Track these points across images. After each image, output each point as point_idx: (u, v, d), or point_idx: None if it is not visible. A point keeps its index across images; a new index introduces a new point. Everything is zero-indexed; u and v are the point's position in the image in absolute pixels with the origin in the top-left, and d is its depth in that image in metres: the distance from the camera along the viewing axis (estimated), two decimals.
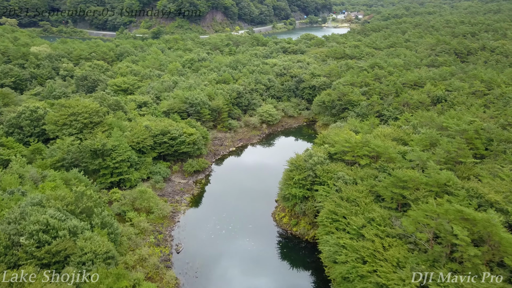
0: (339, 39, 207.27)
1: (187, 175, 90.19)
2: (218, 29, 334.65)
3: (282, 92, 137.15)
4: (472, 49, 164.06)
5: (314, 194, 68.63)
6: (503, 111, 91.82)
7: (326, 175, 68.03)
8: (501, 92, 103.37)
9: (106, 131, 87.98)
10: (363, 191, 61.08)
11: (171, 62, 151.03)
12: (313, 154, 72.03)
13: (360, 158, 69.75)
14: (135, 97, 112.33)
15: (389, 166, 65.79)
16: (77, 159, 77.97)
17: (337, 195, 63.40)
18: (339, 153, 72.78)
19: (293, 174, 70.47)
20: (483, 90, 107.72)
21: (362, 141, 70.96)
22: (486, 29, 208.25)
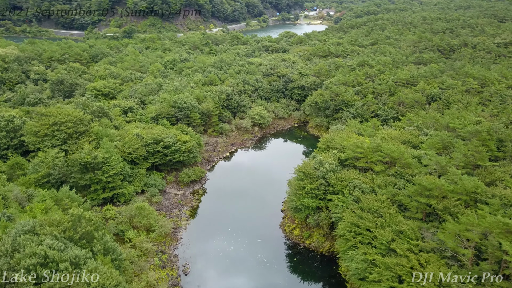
0: (320, 36, 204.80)
1: (183, 186, 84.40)
2: (192, 27, 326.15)
3: (270, 93, 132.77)
4: (454, 45, 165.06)
5: (328, 204, 64.73)
6: (502, 109, 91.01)
7: (340, 183, 64.22)
8: (495, 89, 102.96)
9: (93, 141, 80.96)
10: (384, 201, 57.59)
11: (152, 63, 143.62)
12: (323, 161, 68.04)
13: (374, 164, 66.35)
14: (119, 102, 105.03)
15: (406, 172, 62.67)
16: (65, 174, 70.82)
17: (356, 205, 59.70)
18: (351, 159, 69.12)
19: (304, 183, 66.25)
20: (476, 87, 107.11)
21: (374, 146, 67.56)
22: (462, 25, 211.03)
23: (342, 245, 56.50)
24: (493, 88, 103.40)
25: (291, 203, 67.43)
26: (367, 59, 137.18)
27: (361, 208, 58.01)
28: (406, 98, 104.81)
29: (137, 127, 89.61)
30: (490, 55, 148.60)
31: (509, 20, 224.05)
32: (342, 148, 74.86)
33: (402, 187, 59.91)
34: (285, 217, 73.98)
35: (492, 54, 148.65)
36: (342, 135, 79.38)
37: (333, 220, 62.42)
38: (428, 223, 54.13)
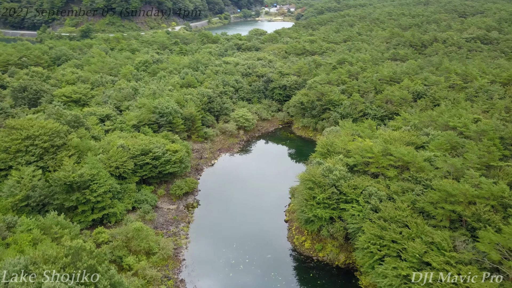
0: (291, 34, 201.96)
1: (175, 199, 78.17)
2: (153, 26, 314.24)
3: (251, 93, 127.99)
4: (425, 41, 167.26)
5: (342, 214, 61.22)
6: (491, 105, 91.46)
7: (353, 191, 60.82)
8: (479, 85, 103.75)
9: (73, 155, 73.03)
10: (406, 209, 54.74)
11: (121, 65, 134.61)
12: (332, 168, 64.40)
13: (385, 169, 63.51)
14: (94, 109, 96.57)
15: (421, 177, 60.24)
16: (47, 196, 62.92)
17: (375, 215, 56.50)
18: (360, 164, 65.93)
19: (314, 192, 62.29)
20: (460, 83, 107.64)
21: (383, 150, 64.76)
22: (427, 20, 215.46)
23: (366, 258, 53.10)
24: (477, 83, 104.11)
25: (301, 214, 63.31)
26: (346, 57, 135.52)
27: (382, 218, 54.86)
28: (393, 96, 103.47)
29: (120, 137, 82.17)
30: (461, 50, 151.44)
31: (470, 15, 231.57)
32: (346, 152, 71.65)
33: (421, 193, 57.37)
34: (291, 228, 69.81)
35: (464, 49, 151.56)
36: (343, 138, 76.15)
37: (349, 231, 58.98)
38: (455, 231, 51.78)
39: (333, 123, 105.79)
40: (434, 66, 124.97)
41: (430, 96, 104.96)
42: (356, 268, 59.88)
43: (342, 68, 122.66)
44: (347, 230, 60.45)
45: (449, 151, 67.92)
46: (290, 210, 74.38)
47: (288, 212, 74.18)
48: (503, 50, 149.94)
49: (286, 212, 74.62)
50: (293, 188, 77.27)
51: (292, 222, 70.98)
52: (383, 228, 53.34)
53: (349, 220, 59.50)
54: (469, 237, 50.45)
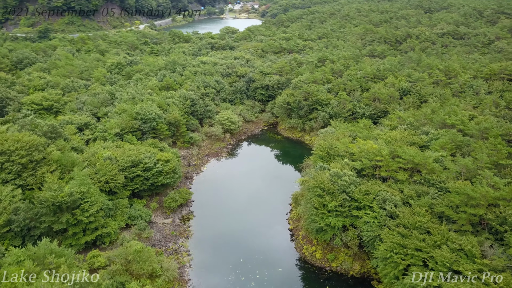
0: (264, 31, 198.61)
1: (169, 212, 73.01)
2: (116, 25, 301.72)
3: (233, 94, 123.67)
4: (399, 37, 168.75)
5: (355, 221, 58.65)
6: (479, 101, 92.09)
7: (365, 197, 58.35)
8: (463, 80, 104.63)
9: (55, 170, 66.45)
10: (425, 215, 52.78)
11: (92, 68, 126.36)
12: (341, 173, 61.66)
13: (395, 172, 61.49)
14: (69, 117, 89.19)
15: (434, 179, 58.62)
16: (32, 219, 56.33)
17: (391, 222, 54.27)
18: (368, 168, 63.61)
19: (324, 200, 59.34)
20: (444, 79, 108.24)
21: (391, 152, 62.73)
22: (395, 16, 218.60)
23: (389, 269, 50.65)
24: (461, 79, 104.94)
25: (312, 224, 60.14)
26: (327, 54, 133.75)
27: (401, 225, 52.66)
28: (380, 93, 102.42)
29: (104, 148, 75.86)
30: (436, 45, 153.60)
31: (435, 11, 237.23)
32: (350, 155, 69.22)
33: (436, 197, 55.68)
34: (297, 237, 66.56)
35: (438, 45, 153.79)
36: (344, 140, 73.70)
37: (365, 239, 56.48)
38: (478, 235, 50.29)
39: (322, 123, 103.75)
40: (414, 62, 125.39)
41: (416, 93, 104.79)
42: (372, 277, 57.55)
43: (326, 67, 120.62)
44: (360, 238, 58.01)
45: (454, 150, 66.92)
46: (294, 218, 71.19)
47: (292, 220, 70.94)
48: (474, 44, 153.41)
49: (289, 220, 71.33)
50: (296, 194, 74.11)
51: (297, 230, 67.79)
52: (404, 236, 51.11)
53: (363, 228, 57.03)
54: (493, 241, 49.10)
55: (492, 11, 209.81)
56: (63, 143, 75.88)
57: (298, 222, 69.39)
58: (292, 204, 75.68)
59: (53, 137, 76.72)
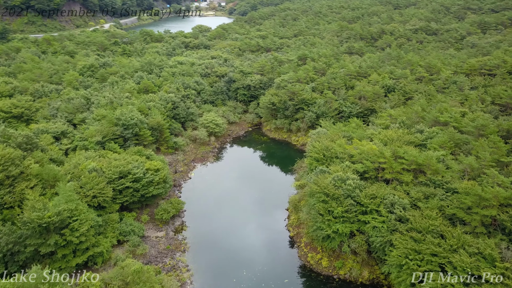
0: (238, 29, 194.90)
1: (161, 225, 68.70)
2: (79, 24, 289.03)
3: (214, 95, 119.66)
4: (374, 33, 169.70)
5: (363, 227, 56.74)
6: (464, 97, 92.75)
7: (372, 201, 56.53)
8: (446, 76, 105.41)
9: (35, 186, 60.84)
10: (437, 217, 51.49)
11: (63, 71, 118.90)
12: (344, 177, 59.57)
13: (399, 174, 60.06)
14: (44, 125, 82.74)
15: (441, 180, 57.58)
16: (16, 243, 50.84)
17: (402, 226, 52.72)
18: (371, 170, 61.88)
19: (330, 206, 57.06)
20: (426, 76, 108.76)
21: (393, 153, 61.28)
22: (366, 13, 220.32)
23: (404, 276, 48.95)
24: (443, 75, 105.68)
25: (318, 231, 57.71)
26: (307, 52, 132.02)
27: (413, 229, 51.15)
28: (366, 91, 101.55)
29: (87, 158, 70.48)
30: (411, 41, 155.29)
31: (403, 7, 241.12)
32: (349, 157, 67.30)
33: (445, 198, 54.60)
34: (299, 244, 64.03)
35: (413, 41, 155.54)
36: (340, 142, 71.75)
37: (374, 244, 54.68)
38: (491, 237, 49.45)
39: (309, 123, 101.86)
40: (394, 59, 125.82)
41: (400, 89, 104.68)
42: (382, 284, 55.90)
43: (308, 65, 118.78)
44: (368, 244, 56.24)
45: (453, 149, 66.38)
46: (293, 224, 68.63)
47: (291, 227, 68.35)
48: (447, 40, 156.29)
49: (289, 227, 68.70)
50: (293, 199, 71.61)
51: (299, 237, 65.30)
52: (418, 241, 49.61)
53: (371, 233, 55.24)
54: (508, 242, 48.40)
55: (458, 7, 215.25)
56: (41, 154, 69.85)
57: (298, 229, 66.92)
58: (290, 209, 73.15)
59: (28, 149, 70.48)
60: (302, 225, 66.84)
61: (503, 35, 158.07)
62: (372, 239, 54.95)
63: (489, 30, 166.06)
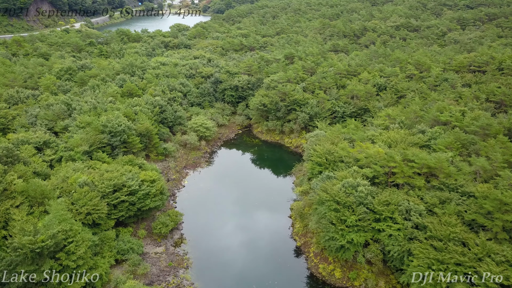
0: (218, 28, 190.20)
1: (159, 239, 64.38)
2: (48, 24, 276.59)
3: (201, 97, 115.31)
4: (356, 30, 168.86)
5: (377, 235, 54.39)
6: (458, 94, 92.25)
7: (386, 208, 54.23)
8: (436, 74, 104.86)
9: (22, 204, 55.55)
10: (456, 224, 49.65)
11: (37, 74, 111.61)
12: (354, 183, 57.06)
13: (411, 178, 58.07)
14: (23, 135, 76.52)
15: (453, 184, 55.89)
16: (5, 271, 45.63)
17: (420, 234, 50.68)
18: (381, 175, 59.64)
19: (342, 215, 54.43)
20: (416, 73, 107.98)
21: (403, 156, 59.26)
22: (345, 10, 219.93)
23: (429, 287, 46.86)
24: (434, 72, 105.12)
25: (331, 242, 54.95)
26: (293, 51, 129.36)
27: (433, 237, 49.14)
28: (358, 90, 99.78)
29: (75, 170, 65.22)
30: (394, 38, 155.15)
31: (380, 4, 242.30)
32: (355, 161, 64.89)
33: (461, 203, 52.89)
34: (308, 255, 61.17)
35: (396, 38, 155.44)
36: (343, 145, 69.25)
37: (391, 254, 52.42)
38: None
39: (302, 125, 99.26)
40: (381, 57, 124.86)
41: (392, 88, 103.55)
42: None
43: (296, 64, 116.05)
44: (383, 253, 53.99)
45: (460, 150, 65.02)
46: (299, 233, 65.72)
47: (297, 236, 65.41)
48: (429, 37, 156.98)
49: (295, 236, 65.73)
50: (297, 206, 68.65)
51: (307, 246, 62.46)
52: (439, 249, 47.62)
53: (387, 242, 52.96)
54: None
55: (435, 3, 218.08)
56: (23, 168, 64.21)
57: (305, 238, 64.08)
58: (293, 217, 70.19)
59: (9, 162, 64.69)
60: (309, 234, 64.10)
61: (482, 31, 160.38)
62: (388, 248, 52.68)
63: (468, 26, 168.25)
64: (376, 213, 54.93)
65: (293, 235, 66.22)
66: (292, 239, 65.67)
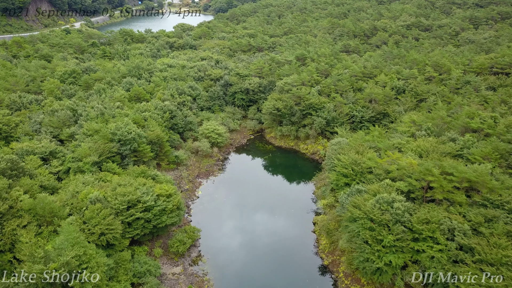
0: (224, 28, 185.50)
1: (176, 258, 59.97)
2: (48, 23, 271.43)
3: (210, 101, 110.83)
4: (366, 30, 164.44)
5: (416, 256, 50.05)
6: (483, 99, 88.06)
7: (426, 227, 49.87)
8: (457, 76, 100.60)
9: (29, 224, 51.11)
10: (507, 246, 45.31)
11: (40, 78, 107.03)
12: (389, 199, 52.71)
13: (450, 193, 53.72)
14: (28, 144, 71.92)
15: (499, 200, 51.58)
16: None
17: (466, 256, 46.34)
18: (418, 189, 55.29)
19: (377, 233, 50.11)
20: (435, 75, 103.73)
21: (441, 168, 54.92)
22: (352, 8, 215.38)
23: None
24: (454, 75, 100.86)
25: (366, 263, 50.64)
26: (304, 52, 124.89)
27: (484, 261, 44.82)
28: (377, 94, 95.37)
29: (85, 183, 60.76)
30: (407, 38, 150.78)
31: (387, 2, 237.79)
32: (386, 173, 60.54)
33: (510, 221, 48.60)
34: (338, 275, 56.83)
35: (409, 38, 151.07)
36: (370, 155, 64.85)
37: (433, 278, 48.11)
38: None
39: (319, 130, 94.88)
40: (397, 58, 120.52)
41: (411, 91, 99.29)
42: None
43: (310, 66, 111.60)
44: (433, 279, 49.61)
45: (499, 161, 60.68)
46: (326, 251, 61.36)
47: (324, 253, 61.06)
48: (442, 36, 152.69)
49: (321, 253, 61.38)
50: (322, 220, 64.39)
51: (336, 266, 58.13)
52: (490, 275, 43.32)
53: (428, 264, 48.61)
54: None
55: (443, 2, 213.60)
56: (29, 181, 59.83)
57: (333, 256, 59.76)
58: (317, 232, 65.81)
59: (14, 175, 60.33)
60: (337, 251, 59.81)
61: (496, 30, 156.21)
62: (430, 270, 48.35)
63: (481, 25, 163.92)
64: (414, 232, 50.58)
65: (319, 252, 61.87)
66: (318, 256, 61.34)
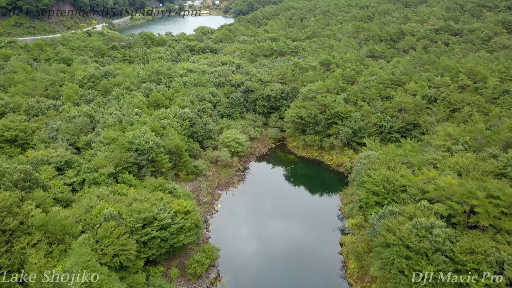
0: (245, 31, 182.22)
1: (194, 280, 56.30)
2: (70, 25, 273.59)
3: (231, 108, 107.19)
4: (393, 34, 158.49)
5: None
6: None
7: (470, 257, 44.80)
8: (494, 85, 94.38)
9: (39, 242, 48.19)
10: None
11: (59, 82, 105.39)
12: (428, 224, 47.80)
13: (497, 219, 48.44)
14: (43, 153, 69.53)
15: None
16: None
17: None
18: (459, 214, 50.21)
19: (414, 263, 45.27)
20: (470, 83, 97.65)
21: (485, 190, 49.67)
22: (377, 11, 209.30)
23: None
24: (491, 83, 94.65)
25: None
26: (329, 57, 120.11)
27: None
28: (407, 103, 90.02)
29: (99, 197, 57.72)
30: (436, 43, 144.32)
31: (413, 5, 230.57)
32: (421, 193, 55.59)
33: None
34: None
35: (438, 42, 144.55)
36: (404, 172, 59.91)
37: None
38: None
39: (345, 141, 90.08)
40: (427, 64, 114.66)
41: (443, 100, 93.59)
42: None
43: (336, 72, 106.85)
44: None
45: None
46: (354, 276, 56.72)
47: (352, 279, 56.44)
48: (473, 41, 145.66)
49: (350, 279, 56.77)
50: (350, 242, 59.89)
51: None
52: None
53: None
54: None
55: (473, 5, 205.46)
56: (42, 194, 57.20)
57: (362, 282, 55.10)
58: (344, 254, 61.19)
59: (27, 187, 57.73)
60: (367, 277, 55.13)
61: None
62: None
63: None
64: (457, 262, 45.58)
65: (346, 277, 57.26)
66: (345, 281, 56.75)
